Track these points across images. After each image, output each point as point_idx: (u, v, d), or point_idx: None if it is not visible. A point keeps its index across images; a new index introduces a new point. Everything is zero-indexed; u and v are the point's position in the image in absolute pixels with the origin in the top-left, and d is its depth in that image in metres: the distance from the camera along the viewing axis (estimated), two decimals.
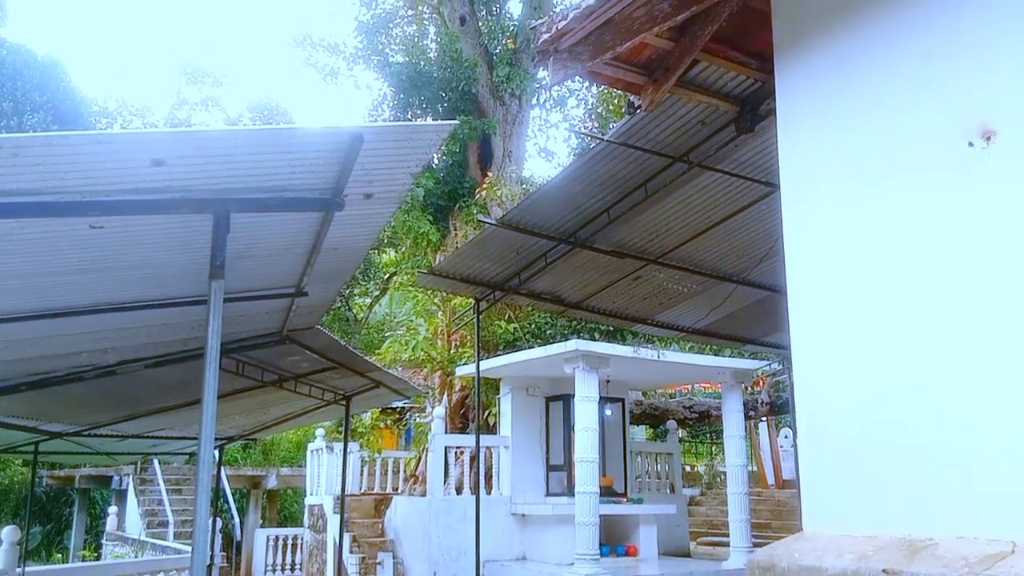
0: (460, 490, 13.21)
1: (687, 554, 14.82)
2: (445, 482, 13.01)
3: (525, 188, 16.42)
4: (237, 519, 19.58)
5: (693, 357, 13.21)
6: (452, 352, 15.73)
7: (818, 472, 3.58)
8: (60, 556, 22.29)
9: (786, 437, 19.26)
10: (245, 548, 19.01)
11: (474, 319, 10.30)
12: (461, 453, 13.70)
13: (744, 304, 10.13)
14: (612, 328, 14.33)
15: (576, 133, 20.63)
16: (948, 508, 3.00)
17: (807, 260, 3.75)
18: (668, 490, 15.35)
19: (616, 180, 7.19)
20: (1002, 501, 2.84)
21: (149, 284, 4.25)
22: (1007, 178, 2.97)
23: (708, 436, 26.30)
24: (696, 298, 10.00)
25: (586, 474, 11.04)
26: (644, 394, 20.16)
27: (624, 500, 13.32)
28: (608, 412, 13.56)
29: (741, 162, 6.91)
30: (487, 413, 14.73)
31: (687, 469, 22.32)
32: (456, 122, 3.93)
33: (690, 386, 21.26)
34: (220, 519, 15.91)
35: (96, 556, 19.35)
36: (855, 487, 3.37)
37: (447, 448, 13.24)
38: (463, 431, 15.13)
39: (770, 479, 19.73)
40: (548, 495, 13.35)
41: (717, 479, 21.53)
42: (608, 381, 12.62)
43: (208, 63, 48.18)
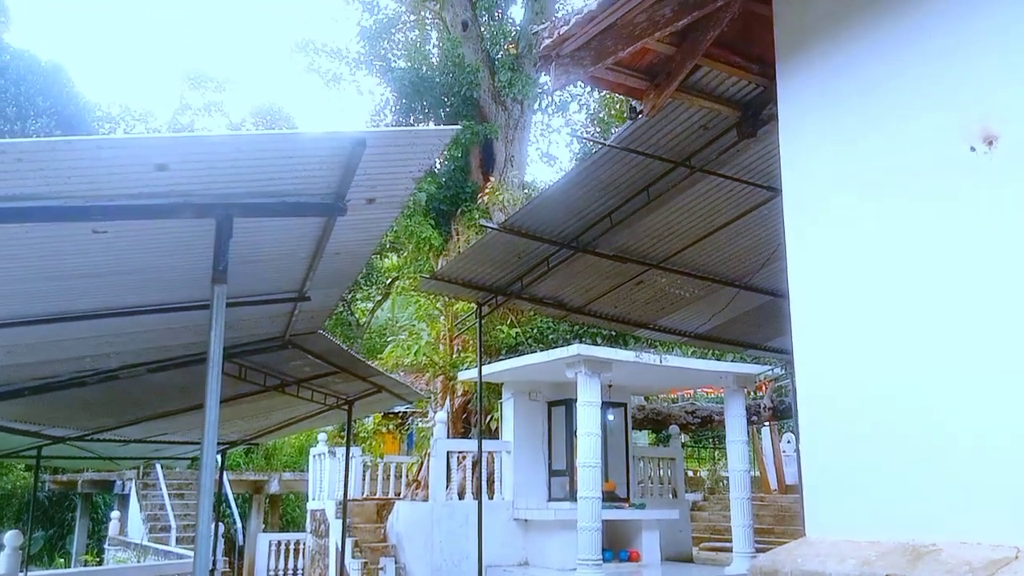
0: (462, 495, 13.21)
1: (690, 559, 14.78)
2: (447, 487, 13.00)
3: (527, 193, 16.43)
4: (239, 524, 19.57)
5: (695, 362, 13.19)
6: (454, 357, 15.73)
7: (821, 477, 3.58)
8: (62, 561, 22.25)
9: (789, 442, 19.24)
10: (247, 553, 19.00)
11: (476, 324, 10.30)
12: (463, 458, 13.70)
13: (746, 308, 10.12)
14: (614, 333, 14.32)
15: (578, 138, 20.64)
16: (952, 513, 2.99)
17: (809, 266, 3.74)
18: (671, 495, 15.32)
19: (618, 185, 7.19)
20: (1006, 506, 2.83)
21: (152, 289, 4.25)
22: (1008, 182, 2.97)
23: (711, 441, 26.23)
24: (698, 303, 9.99)
25: (588, 479, 11.02)
26: (646, 399, 20.12)
27: (626, 505, 13.29)
28: (610, 417, 13.55)
29: (743, 167, 6.91)
30: (489, 418, 14.71)
31: (689, 474, 22.29)
32: (458, 127, 3.95)
33: (692, 391, 21.21)
34: (222, 524, 15.92)
35: (98, 561, 19.33)
36: (858, 492, 3.36)
37: (449, 453, 13.24)
38: (465, 436, 15.12)
39: (773, 484, 19.68)
40: (550, 500, 13.33)
41: (720, 484, 21.47)
42: (610, 386, 12.60)
43: (211, 68, 48.25)
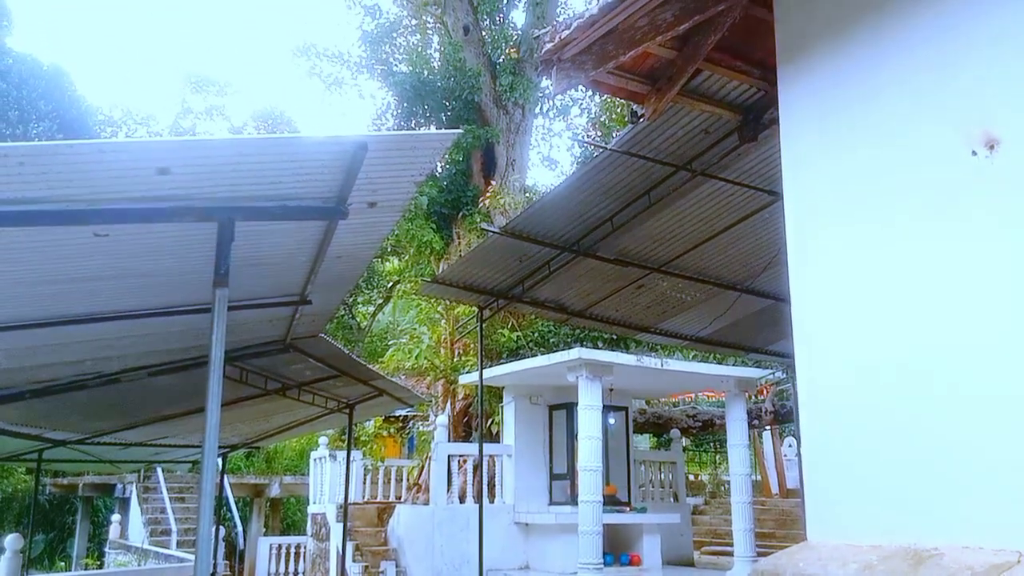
0: (463, 499, 13.20)
1: (691, 563, 14.75)
2: (448, 491, 12.98)
3: (528, 197, 16.42)
4: (240, 527, 19.54)
5: (696, 366, 13.17)
6: (455, 360, 15.72)
7: (822, 481, 3.57)
8: (63, 564, 22.25)
9: (790, 446, 19.20)
10: (248, 557, 18.97)
11: (477, 327, 10.31)
12: (464, 462, 13.68)
13: (747, 312, 10.12)
14: (615, 336, 14.32)
15: (579, 142, 20.64)
16: (954, 517, 2.99)
17: (811, 270, 3.74)
18: (672, 499, 15.29)
19: (619, 189, 7.20)
20: (1008, 510, 2.83)
21: (153, 292, 4.26)
22: (1010, 186, 2.97)
23: (712, 445, 26.20)
24: (699, 306, 10.00)
25: (589, 483, 11.01)
26: (647, 403, 20.11)
27: (628, 509, 13.27)
28: (611, 421, 13.53)
29: (744, 171, 6.92)
30: (490, 422, 14.70)
31: (691, 478, 22.25)
32: (459, 131, 3.95)
33: (694, 395, 21.17)
34: (223, 527, 15.90)
35: (99, 564, 19.30)
36: (860, 496, 3.36)
37: (450, 457, 13.22)
38: (466, 440, 15.10)
39: (774, 488, 19.65)
40: (551, 504, 13.32)
41: (721, 488, 21.45)
42: (611, 390, 12.58)
43: (213, 72, 48.33)
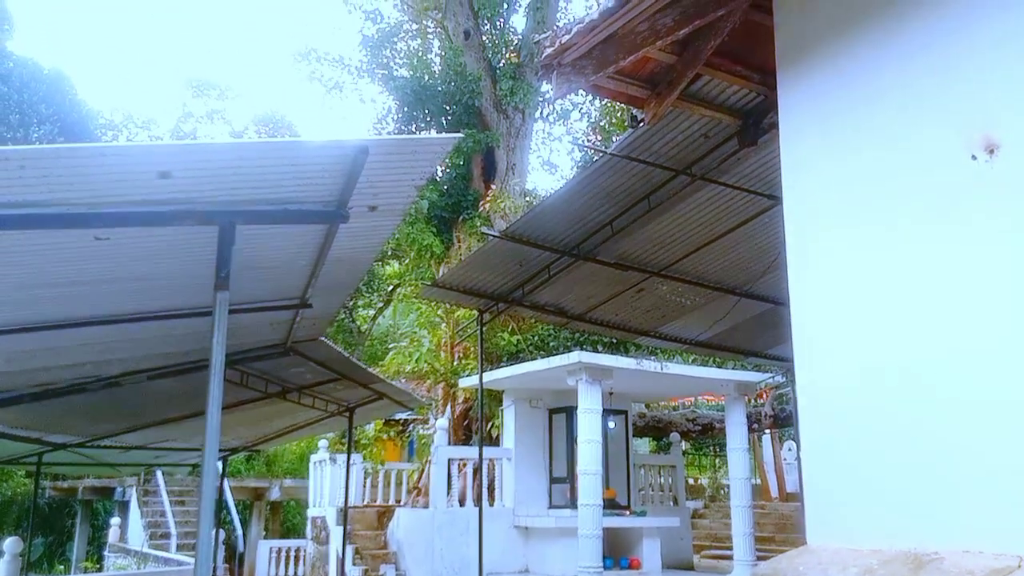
0: (463, 502, 13.19)
1: (690, 567, 14.74)
2: (448, 494, 12.98)
3: (528, 200, 16.44)
4: (240, 531, 19.52)
5: (696, 369, 13.18)
6: (455, 364, 15.72)
7: (822, 485, 3.57)
8: (62, 568, 22.24)
9: (790, 450, 19.17)
10: (248, 560, 18.95)
11: (477, 331, 10.30)
12: (464, 465, 13.68)
13: (747, 316, 10.11)
14: (615, 340, 14.31)
15: (579, 146, 20.69)
16: (954, 522, 2.98)
17: (810, 274, 3.74)
18: (671, 503, 15.29)
19: (619, 193, 7.21)
20: (1009, 515, 2.83)
21: (153, 295, 4.26)
22: (1009, 190, 2.97)
23: (712, 449, 26.19)
24: (699, 310, 9.99)
25: (589, 486, 11.00)
26: (647, 406, 20.09)
27: (627, 513, 13.27)
28: (611, 424, 13.53)
29: (744, 175, 6.92)
30: (490, 425, 14.70)
31: (690, 482, 22.24)
32: (460, 135, 3.96)
33: (693, 398, 21.18)
34: (223, 530, 15.87)
35: (98, 568, 19.30)
36: (860, 500, 3.36)
37: (450, 460, 13.22)
38: (466, 443, 15.09)
39: (774, 492, 19.61)
40: (551, 507, 13.31)
41: (720, 492, 21.43)
42: (611, 393, 12.59)
43: (214, 76, 48.36)
